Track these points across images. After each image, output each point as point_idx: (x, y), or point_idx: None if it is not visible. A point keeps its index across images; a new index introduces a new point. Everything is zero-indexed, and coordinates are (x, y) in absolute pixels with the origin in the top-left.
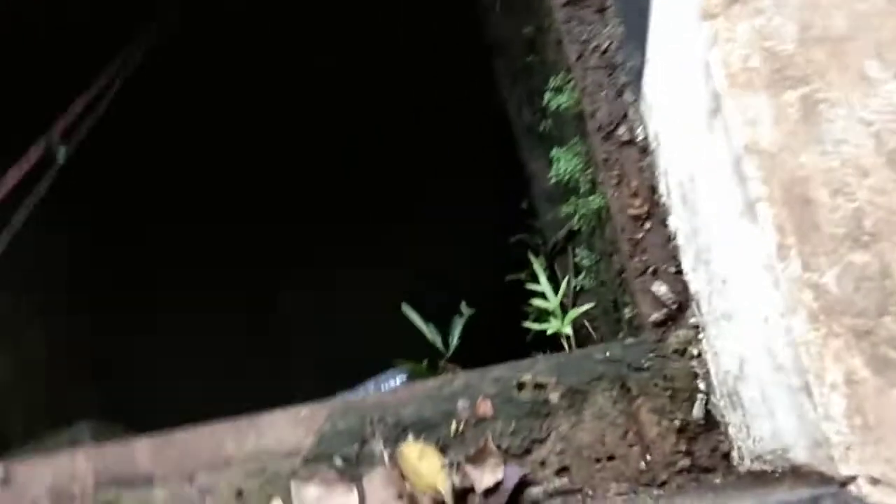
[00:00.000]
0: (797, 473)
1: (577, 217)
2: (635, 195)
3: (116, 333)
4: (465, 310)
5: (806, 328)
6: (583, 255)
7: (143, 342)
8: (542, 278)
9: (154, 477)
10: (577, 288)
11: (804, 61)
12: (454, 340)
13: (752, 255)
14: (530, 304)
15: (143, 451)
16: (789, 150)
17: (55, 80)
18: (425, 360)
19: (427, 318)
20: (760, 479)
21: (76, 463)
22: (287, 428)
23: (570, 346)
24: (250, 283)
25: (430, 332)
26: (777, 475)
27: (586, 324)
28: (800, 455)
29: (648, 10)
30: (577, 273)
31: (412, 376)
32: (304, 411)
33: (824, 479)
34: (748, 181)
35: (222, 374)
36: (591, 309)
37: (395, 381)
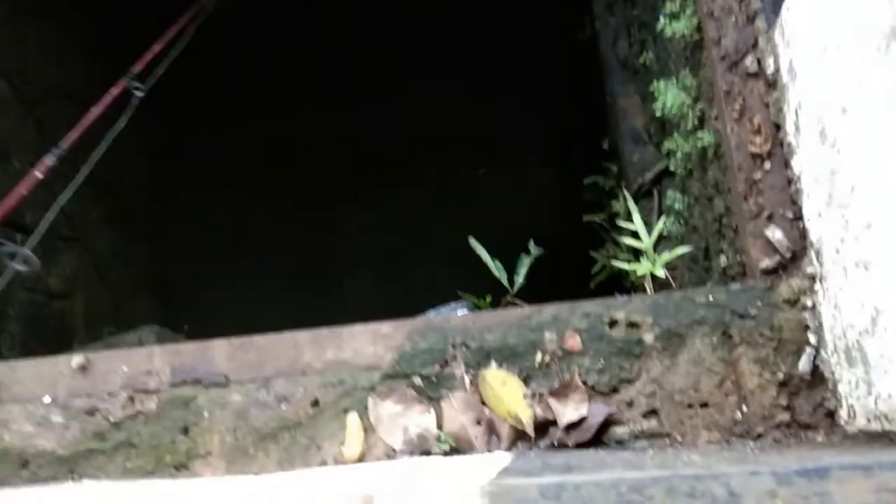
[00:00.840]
0: None
1: (676, 156)
2: (757, 132)
3: (180, 254)
4: (533, 249)
5: None
6: (674, 198)
7: (205, 264)
8: (637, 216)
9: (230, 379)
10: (661, 232)
11: None
12: (520, 278)
13: None
14: (602, 247)
15: (220, 352)
16: None
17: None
18: (489, 296)
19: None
20: (882, 438)
21: (153, 358)
22: (367, 342)
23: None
24: (310, 218)
25: (495, 268)
26: None
27: (665, 273)
28: None
29: None
30: (662, 218)
31: (475, 310)
32: (385, 327)
33: None
34: None
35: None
36: (678, 257)
37: (457, 312)
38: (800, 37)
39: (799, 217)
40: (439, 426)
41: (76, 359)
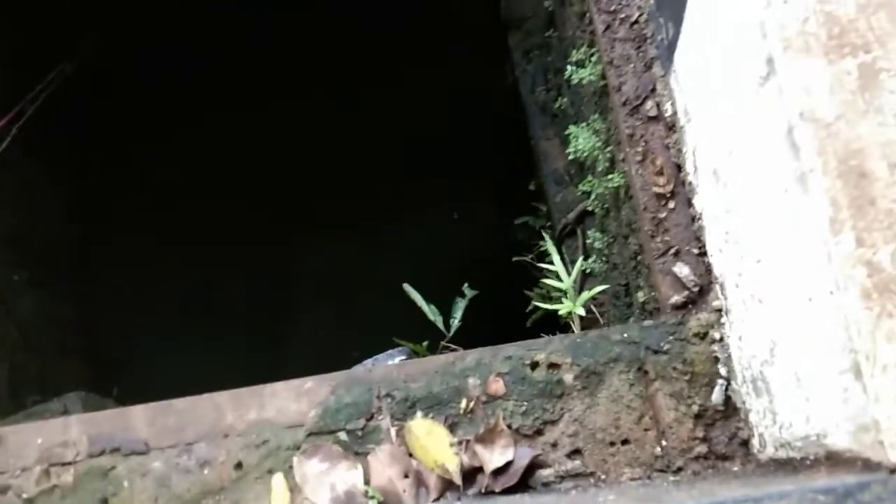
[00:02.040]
0: (835, 460)
1: (591, 197)
2: (660, 173)
3: (111, 310)
4: (468, 291)
5: (858, 306)
6: (595, 238)
7: (138, 319)
8: (556, 258)
9: (150, 445)
10: (586, 271)
11: (865, 27)
12: (456, 322)
13: (799, 231)
14: (536, 286)
15: (139, 418)
16: (846, 120)
17: None
18: (426, 342)
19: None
20: (786, 466)
21: (70, 429)
22: (290, 400)
23: (579, 330)
24: (250, 269)
25: (431, 312)
26: (809, 462)
27: (593, 308)
28: (840, 440)
29: None
30: (586, 256)
31: (412, 357)
32: (308, 383)
33: (870, 465)
34: (801, 150)
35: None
36: (600, 293)
37: (394, 360)
38: (692, 81)
39: (703, 253)
40: (367, 481)
41: None
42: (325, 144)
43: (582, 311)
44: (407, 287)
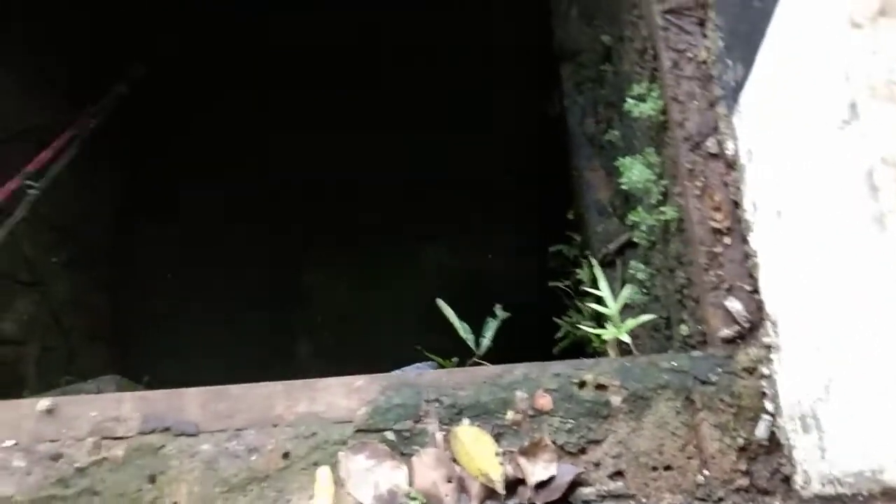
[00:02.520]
0: (891, 495)
1: (640, 228)
2: (717, 209)
3: (141, 304)
4: (500, 312)
5: None
6: (637, 269)
7: (166, 310)
8: (603, 282)
9: (201, 428)
10: (627, 302)
11: None
12: (487, 340)
13: (872, 270)
14: (565, 314)
15: (192, 401)
16: None
17: None
18: (455, 358)
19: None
20: (834, 502)
21: (123, 404)
22: (341, 396)
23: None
24: (276, 273)
25: (463, 330)
26: (861, 498)
27: (628, 339)
28: None
29: (765, 22)
30: (626, 285)
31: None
32: (359, 381)
33: None
34: (880, 192)
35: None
36: (640, 325)
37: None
38: (756, 122)
39: (756, 290)
40: (410, 482)
41: (43, 402)
42: (359, 166)
43: (627, 338)
44: (440, 303)
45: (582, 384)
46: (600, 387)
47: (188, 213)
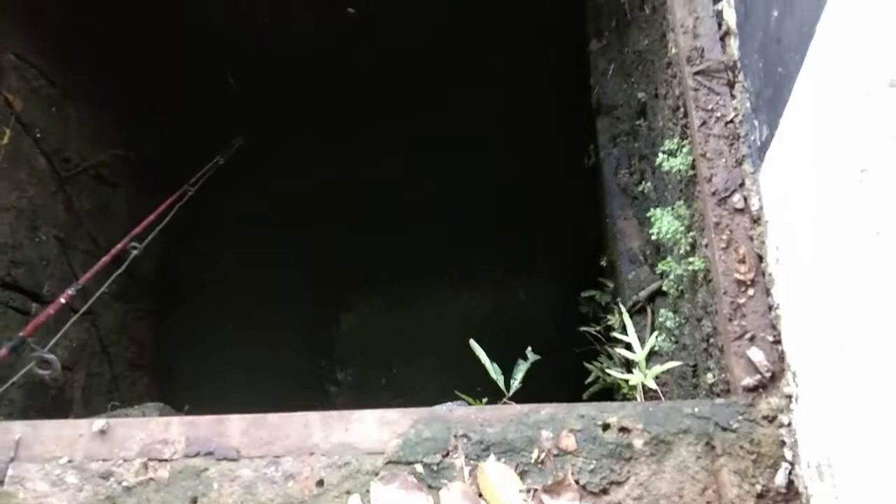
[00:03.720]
0: None
1: (669, 277)
2: (742, 261)
3: (183, 336)
4: (531, 355)
5: None
6: (666, 317)
7: (206, 344)
8: (630, 328)
9: (242, 454)
10: (654, 349)
11: None
12: (517, 382)
13: (887, 324)
14: (596, 359)
15: (235, 427)
16: None
17: None
18: (485, 399)
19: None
20: None
21: (170, 428)
22: (374, 428)
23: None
24: (316, 316)
25: (494, 371)
26: None
27: (656, 386)
28: None
29: (788, 87)
30: (655, 334)
31: None
32: (391, 414)
33: None
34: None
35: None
36: (666, 371)
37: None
38: (780, 180)
39: (778, 340)
40: None
41: (98, 423)
42: (395, 211)
43: (653, 384)
44: (473, 344)
45: (606, 426)
46: (623, 429)
47: (232, 252)
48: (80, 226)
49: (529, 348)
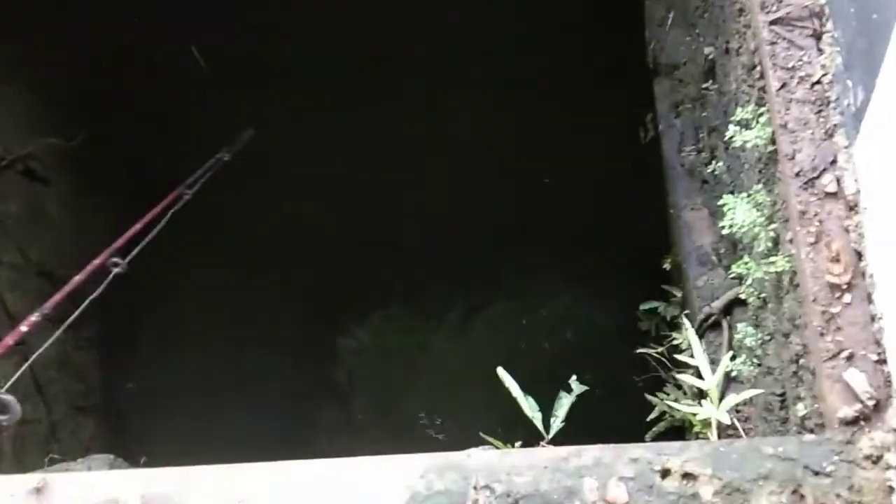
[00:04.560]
0: None
1: (745, 283)
2: (836, 260)
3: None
4: (576, 386)
5: None
6: (745, 333)
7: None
8: (698, 349)
9: None
10: (731, 374)
11: None
12: (558, 421)
13: None
14: (662, 389)
15: (202, 481)
16: None
17: None
18: (518, 443)
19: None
20: None
21: (122, 484)
22: (373, 479)
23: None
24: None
25: (528, 407)
26: None
27: (736, 422)
28: None
29: (886, 34)
30: (732, 356)
31: None
32: (396, 461)
33: None
34: None
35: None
36: (748, 401)
37: None
38: (883, 157)
39: (883, 359)
40: None
41: (33, 479)
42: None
43: (726, 419)
44: (501, 372)
45: (665, 472)
46: (688, 476)
47: (198, 265)
48: (4, 234)
49: (574, 378)
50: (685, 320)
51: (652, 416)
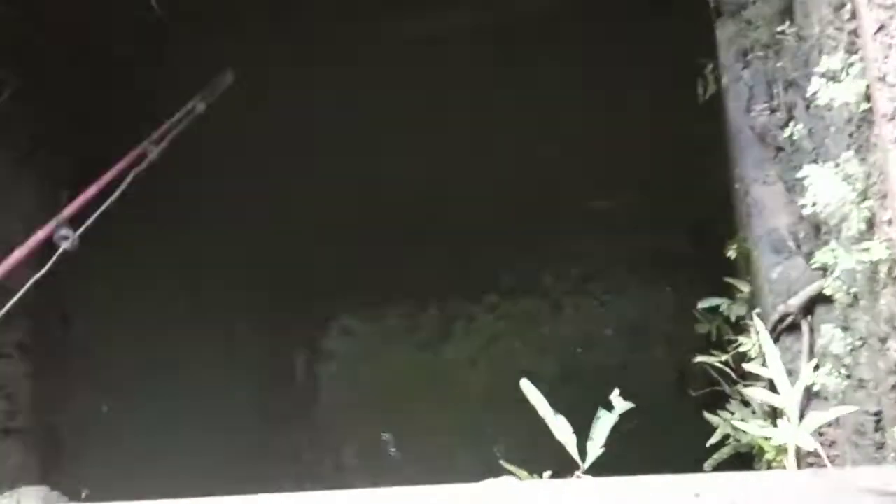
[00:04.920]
0: None
1: (832, 275)
2: None
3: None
4: (618, 402)
5: None
6: (832, 337)
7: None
8: (773, 356)
9: None
10: (813, 387)
11: None
12: (597, 448)
13: None
14: (728, 406)
15: None
16: None
17: None
18: (547, 472)
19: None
20: None
21: None
22: None
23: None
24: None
25: (559, 428)
26: None
27: (819, 447)
28: None
29: None
30: (815, 365)
31: None
32: (390, 498)
33: None
34: None
35: None
36: (831, 424)
37: None
38: None
39: None
40: None
41: None
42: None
43: (808, 443)
44: (525, 385)
45: None
46: None
47: (145, 254)
48: None
49: (616, 393)
50: (755, 321)
51: (713, 439)
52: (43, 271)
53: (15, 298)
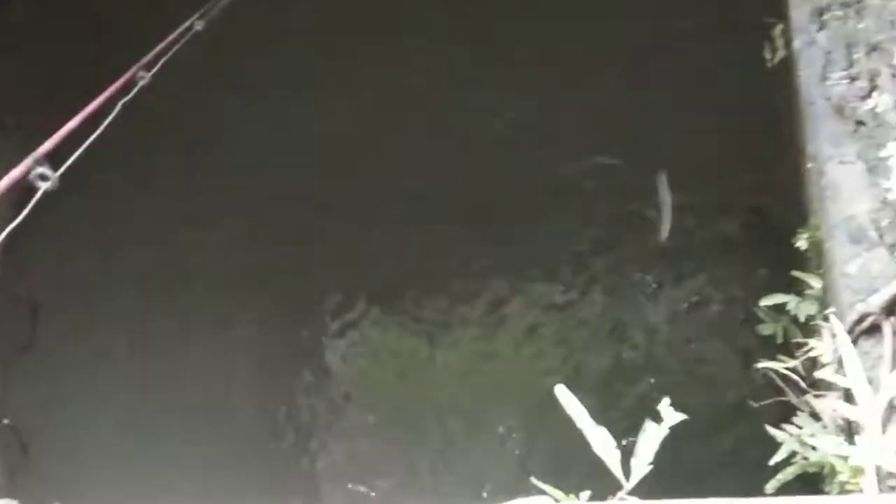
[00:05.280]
0: None
1: None
2: None
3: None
4: (669, 414)
5: None
6: None
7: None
8: (851, 363)
9: None
10: None
11: None
12: (644, 465)
13: None
14: (794, 419)
15: None
16: None
17: None
18: (586, 492)
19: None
20: None
21: None
22: None
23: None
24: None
25: (601, 445)
26: None
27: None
28: None
29: None
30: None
31: None
32: None
33: None
34: None
35: None
36: None
37: None
38: None
39: None
40: None
41: None
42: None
43: (891, 463)
44: (561, 391)
45: None
46: None
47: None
48: None
49: (667, 401)
50: (831, 321)
51: (777, 457)
52: (22, 215)
53: None
